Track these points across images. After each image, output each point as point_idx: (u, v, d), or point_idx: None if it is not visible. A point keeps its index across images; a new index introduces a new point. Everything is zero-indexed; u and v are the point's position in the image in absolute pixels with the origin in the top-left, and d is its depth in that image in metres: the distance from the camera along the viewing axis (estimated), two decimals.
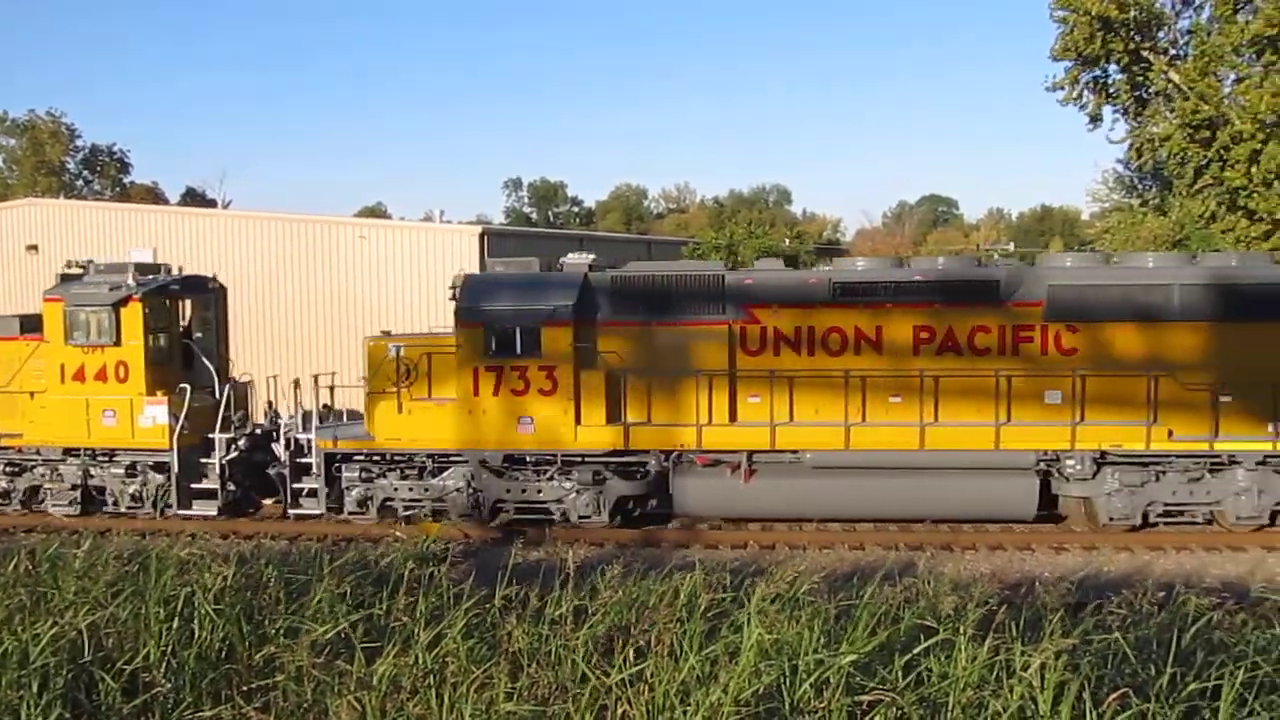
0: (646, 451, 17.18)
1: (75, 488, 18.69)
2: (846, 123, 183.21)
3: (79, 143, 75.89)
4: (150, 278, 18.82)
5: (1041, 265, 18.34)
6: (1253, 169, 28.26)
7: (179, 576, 9.09)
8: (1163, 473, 16.57)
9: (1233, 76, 29.93)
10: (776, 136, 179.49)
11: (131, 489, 18.54)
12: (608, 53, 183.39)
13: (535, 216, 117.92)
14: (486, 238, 31.35)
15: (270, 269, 32.22)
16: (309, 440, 17.88)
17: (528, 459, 17.41)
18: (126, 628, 8.33)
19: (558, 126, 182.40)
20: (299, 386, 18.32)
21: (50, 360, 18.29)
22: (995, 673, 7.03)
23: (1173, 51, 31.53)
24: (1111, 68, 31.96)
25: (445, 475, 17.70)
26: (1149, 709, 6.48)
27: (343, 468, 17.88)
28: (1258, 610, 9.23)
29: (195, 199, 74.83)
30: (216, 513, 18.26)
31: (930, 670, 7.19)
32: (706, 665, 7.21)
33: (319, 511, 17.90)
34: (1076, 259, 17.94)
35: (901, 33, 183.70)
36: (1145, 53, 30.99)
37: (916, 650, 7.47)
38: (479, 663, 7.44)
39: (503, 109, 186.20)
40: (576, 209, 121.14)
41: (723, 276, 17.36)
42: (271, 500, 18.96)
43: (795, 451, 16.98)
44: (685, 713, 6.72)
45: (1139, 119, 32.56)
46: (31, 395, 18.46)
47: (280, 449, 18.11)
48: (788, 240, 65.06)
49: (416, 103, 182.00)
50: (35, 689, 7.26)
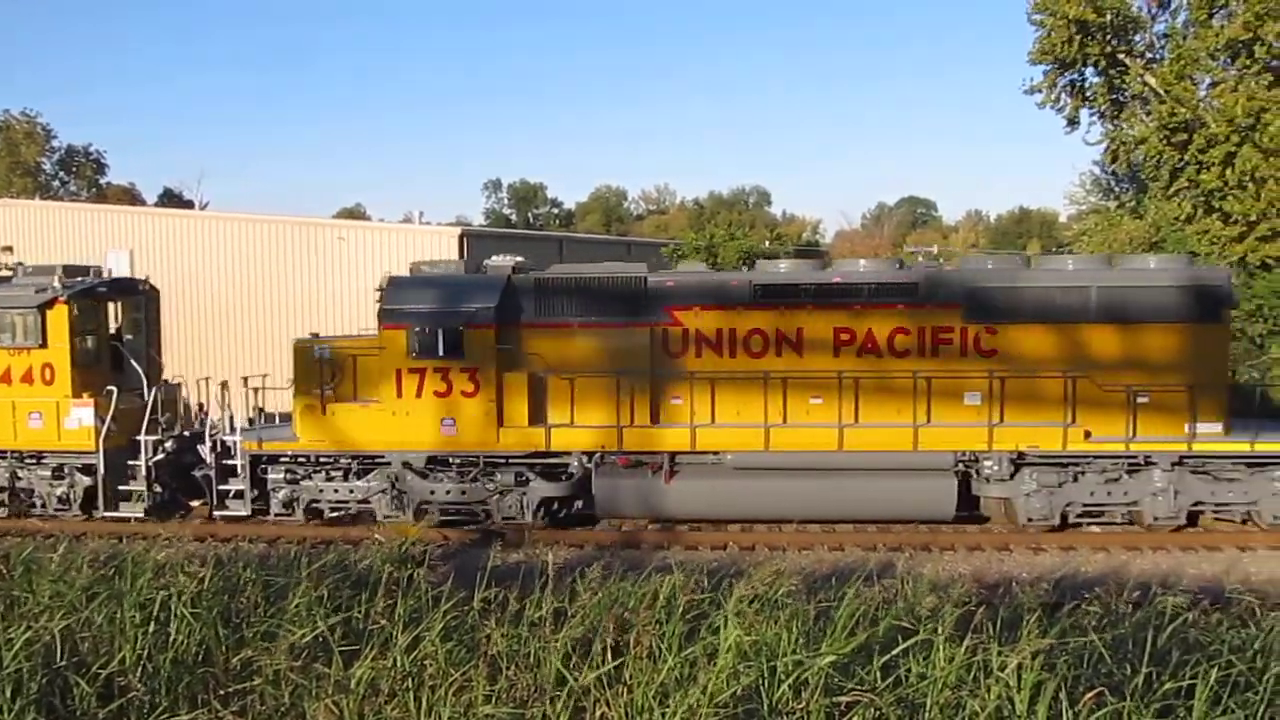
0: (569, 453, 17.22)
1: (2, 490, 18.63)
2: (827, 125, 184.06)
3: (55, 143, 75.39)
4: (78, 280, 18.80)
5: (960, 268, 18.28)
6: (1227, 171, 28.47)
7: (155, 580, 9.03)
8: (1081, 473, 16.69)
9: (1208, 80, 30.14)
10: (757, 139, 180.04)
11: (59, 491, 18.48)
12: (589, 54, 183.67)
13: (515, 218, 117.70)
14: (466, 239, 31.31)
15: (248, 270, 32.03)
16: (235, 442, 17.89)
17: (451, 460, 17.43)
18: (102, 632, 8.27)
19: (537, 128, 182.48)
20: (227, 388, 18.35)
21: None
22: (973, 673, 7.07)
23: (1149, 55, 31.71)
24: (1089, 71, 32.13)
25: (370, 477, 17.72)
26: (1124, 708, 6.52)
27: (268, 469, 17.90)
28: (1232, 610, 9.31)
29: (173, 200, 74.30)
30: (144, 514, 18.13)
31: (909, 671, 7.22)
32: (685, 667, 7.22)
33: (245, 513, 17.90)
34: (997, 261, 18.09)
35: (887, 34, 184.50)
36: (1122, 56, 31.19)
37: (895, 651, 7.50)
38: (457, 665, 7.43)
39: (483, 111, 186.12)
40: (556, 210, 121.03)
41: (645, 279, 17.39)
42: (199, 502, 18.92)
43: (717, 453, 17.04)
44: (664, 714, 6.73)
45: (1115, 122, 32.76)
46: None
47: (206, 451, 18.10)
48: (768, 242, 65.10)
49: (396, 105, 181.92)
50: (9, 694, 7.22)
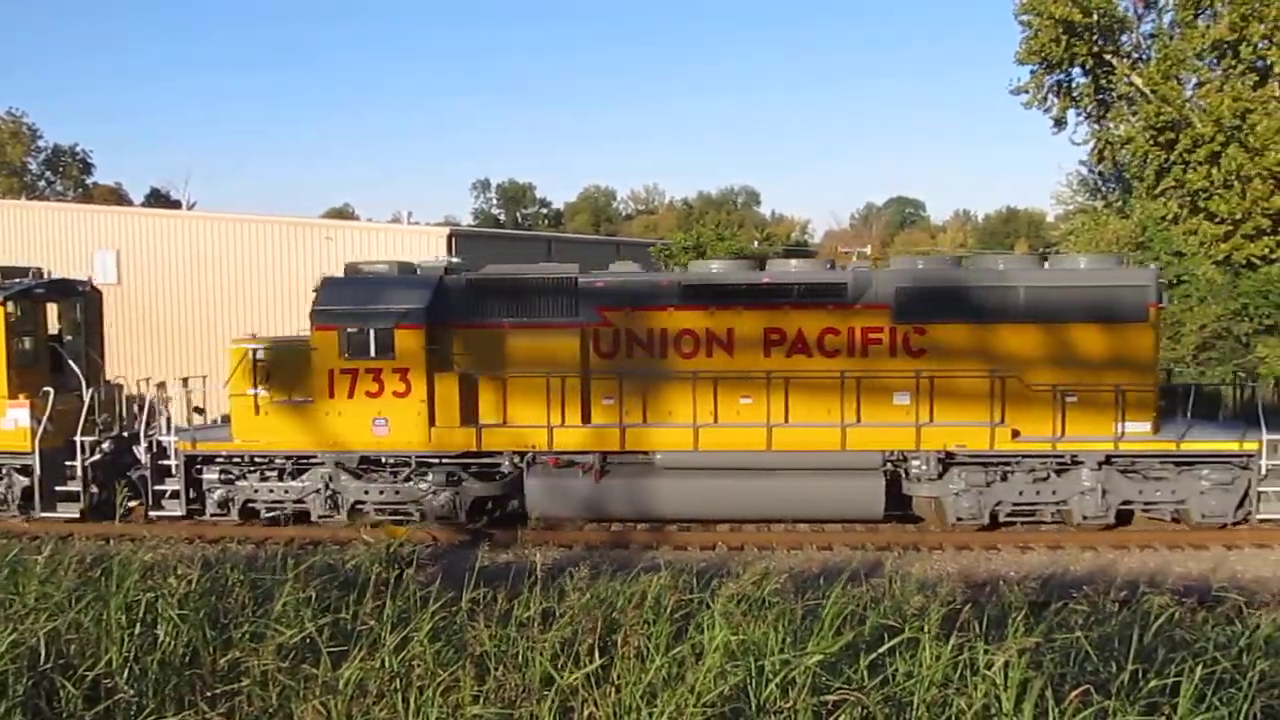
0: (501, 453, 17.24)
1: None
2: (820, 126, 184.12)
3: (41, 143, 75.11)
4: (15, 281, 18.80)
5: (890, 268, 18.14)
6: (1213, 171, 28.66)
7: (142, 581, 9.00)
8: (1010, 472, 16.72)
9: (1194, 80, 30.31)
10: (748, 139, 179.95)
11: None
12: (578, 55, 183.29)
13: (504, 218, 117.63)
14: (454, 239, 31.27)
15: (235, 270, 31.93)
16: (170, 442, 17.87)
17: (384, 460, 17.44)
18: (88, 634, 8.21)
19: (526, 129, 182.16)
20: (164, 389, 18.36)
21: None
22: (960, 671, 7.07)
23: (1135, 55, 31.90)
24: (1075, 71, 32.28)
25: (304, 477, 17.75)
26: (1110, 706, 6.54)
27: (204, 469, 17.90)
28: (1218, 608, 9.36)
29: (160, 200, 74.04)
30: (79, 515, 18.09)
31: (896, 669, 7.24)
32: (673, 666, 7.23)
33: (180, 513, 17.87)
34: (927, 261, 18.17)
35: (886, 34, 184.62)
36: (1109, 56, 31.35)
37: (882, 649, 7.51)
38: (445, 666, 7.41)
39: (471, 111, 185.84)
40: (545, 210, 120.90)
41: (575, 279, 17.38)
42: (136, 502, 18.79)
43: (647, 452, 17.08)
44: (651, 714, 6.73)
45: (1102, 122, 32.91)
46: None
47: (141, 451, 18.08)
48: (756, 242, 65.25)
49: (385, 105, 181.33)
50: None
